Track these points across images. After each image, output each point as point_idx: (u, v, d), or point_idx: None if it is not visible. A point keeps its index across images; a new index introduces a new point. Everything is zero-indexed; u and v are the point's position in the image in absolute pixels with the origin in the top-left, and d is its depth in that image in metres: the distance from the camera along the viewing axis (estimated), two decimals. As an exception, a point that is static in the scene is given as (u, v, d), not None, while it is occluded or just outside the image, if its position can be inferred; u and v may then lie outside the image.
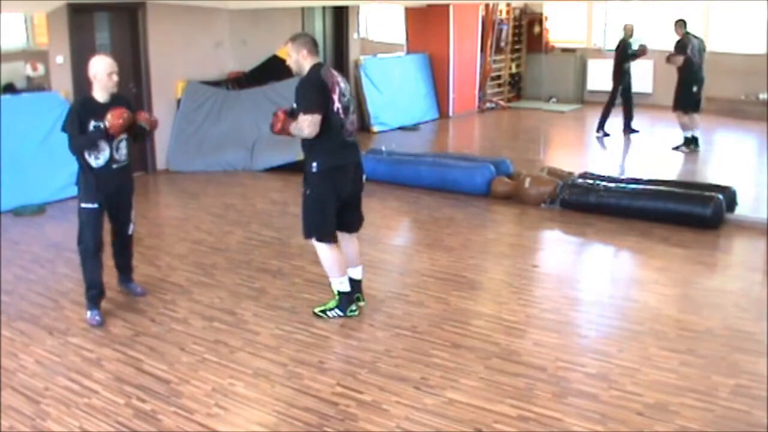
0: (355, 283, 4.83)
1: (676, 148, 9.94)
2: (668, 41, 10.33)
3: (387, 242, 6.60)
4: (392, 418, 3.57)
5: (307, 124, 4.32)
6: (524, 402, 3.68)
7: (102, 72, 4.61)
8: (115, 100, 4.67)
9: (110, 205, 4.82)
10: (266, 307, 4.92)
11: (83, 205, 4.70)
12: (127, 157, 4.80)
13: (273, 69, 9.25)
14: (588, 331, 4.58)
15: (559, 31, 14.93)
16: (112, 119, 4.48)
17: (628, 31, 10.92)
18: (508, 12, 14.41)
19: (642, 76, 13.50)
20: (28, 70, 8.01)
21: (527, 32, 15.09)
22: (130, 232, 5.02)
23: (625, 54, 10.87)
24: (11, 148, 7.30)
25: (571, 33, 14.82)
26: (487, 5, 13.55)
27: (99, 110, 4.55)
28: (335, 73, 4.50)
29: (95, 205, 4.69)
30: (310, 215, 4.56)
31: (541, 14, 14.90)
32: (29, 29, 8.16)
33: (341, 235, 4.74)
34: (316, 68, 4.42)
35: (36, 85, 7.98)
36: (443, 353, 4.22)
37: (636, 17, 14.00)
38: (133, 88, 8.58)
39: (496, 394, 3.77)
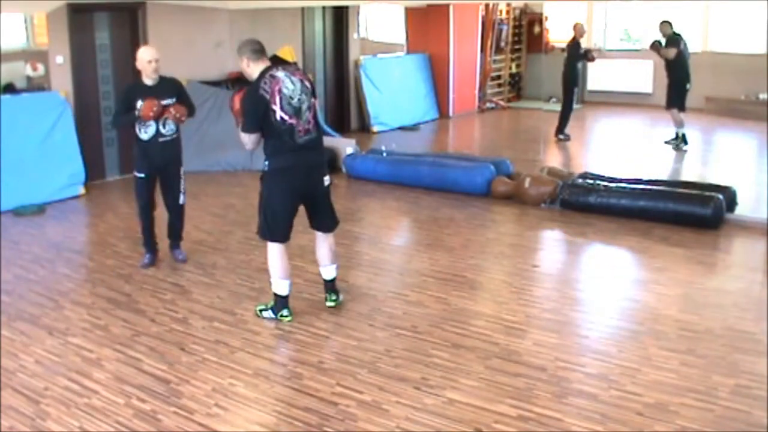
0: (326, 283, 4.85)
1: (668, 142, 9.97)
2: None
3: (387, 242, 6.60)
4: (392, 418, 3.57)
5: (247, 141, 4.43)
6: (524, 402, 3.68)
7: (142, 60, 5.31)
8: (163, 83, 5.38)
9: (159, 175, 5.53)
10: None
11: (135, 173, 5.55)
12: (175, 132, 5.46)
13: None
14: (588, 331, 4.58)
15: (559, 31, 14.91)
16: (144, 108, 5.20)
17: (579, 31, 10.85)
18: (508, 12, 14.41)
19: (642, 76, 13.53)
20: (28, 70, 8.02)
21: (527, 32, 15.09)
22: (181, 201, 5.67)
23: (575, 53, 10.75)
24: (11, 148, 7.31)
25: (572, 33, 14.77)
26: (487, 5, 13.55)
27: (146, 92, 5.29)
28: (281, 76, 4.35)
29: (143, 175, 5.48)
30: (262, 215, 4.61)
31: (541, 14, 14.90)
32: (29, 29, 8.16)
33: (316, 234, 4.82)
34: (260, 76, 4.37)
35: (36, 85, 7.98)
36: (443, 353, 4.22)
37: (635, 17, 14.05)
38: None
39: (496, 394, 3.77)
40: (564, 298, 5.09)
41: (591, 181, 7.28)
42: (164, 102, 5.29)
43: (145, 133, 5.34)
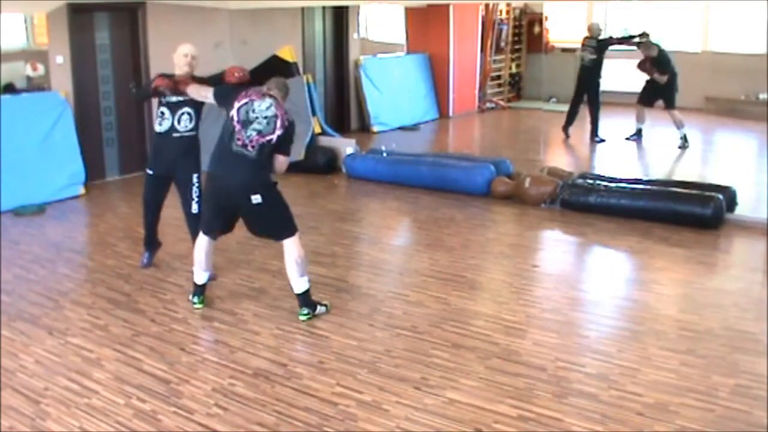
0: (297, 296, 4.70)
1: (681, 147, 9.99)
2: (668, 42, 10.33)
3: (387, 242, 6.60)
4: (392, 418, 3.58)
5: (197, 89, 5.05)
6: (524, 402, 3.69)
7: (179, 53, 5.32)
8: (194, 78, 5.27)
9: (170, 175, 5.33)
10: (266, 307, 4.92)
11: (147, 169, 5.45)
12: (190, 130, 5.32)
13: (273, 69, 9.21)
14: (588, 331, 4.58)
15: (559, 31, 14.92)
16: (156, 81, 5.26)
17: (594, 30, 10.87)
18: (508, 12, 14.40)
19: (642, 76, 13.50)
20: (28, 70, 8.01)
21: (527, 32, 15.08)
22: (194, 210, 5.31)
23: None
24: (11, 148, 7.30)
25: (571, 33, 14.81)
26: (487, 5, 13.54)
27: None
28: (259, 98, 4.54)
29: (151, 172, 5.38)
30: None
31: (541, 14, 14.89)
32: (29, 29, 8.16)
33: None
34: (261, 88, 4.67)
35: (36, 85, 7.98)
36: (443, 353, 4.22)
37: (635, 17, 14.02)
38: (133, 88, 8.57)
39: (496, 394, 3.77)
40: (564, 298, 5.09)
41: (591, 181, 7.28)
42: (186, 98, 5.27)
43: (160, 126, 5.26)
